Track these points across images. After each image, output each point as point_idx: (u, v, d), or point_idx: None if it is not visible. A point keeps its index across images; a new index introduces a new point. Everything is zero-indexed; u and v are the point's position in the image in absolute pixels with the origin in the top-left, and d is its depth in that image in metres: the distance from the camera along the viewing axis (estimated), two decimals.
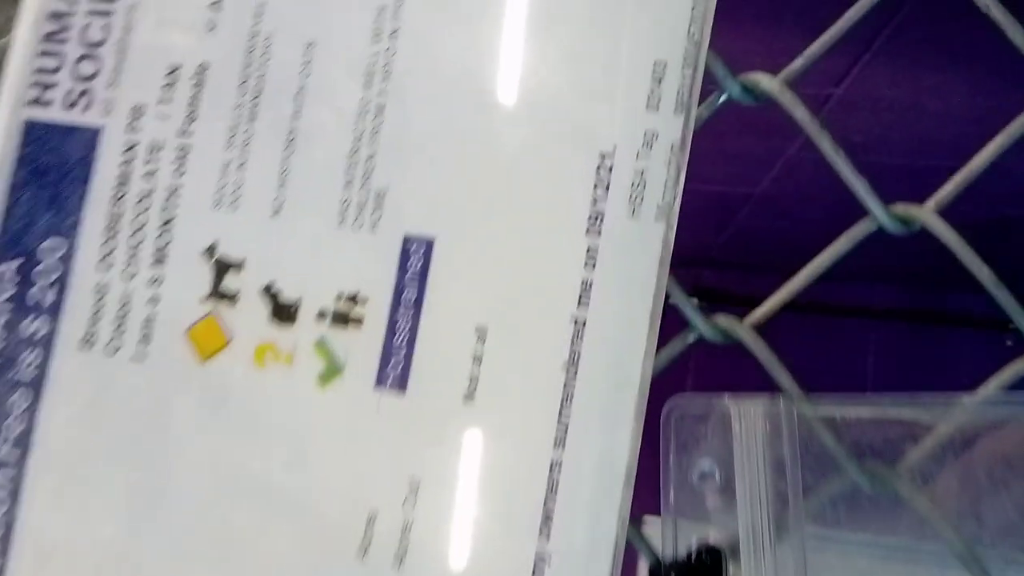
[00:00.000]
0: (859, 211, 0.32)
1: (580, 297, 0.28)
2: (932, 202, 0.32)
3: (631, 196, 0.29)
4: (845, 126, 1.43)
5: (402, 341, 0.29)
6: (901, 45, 1.10)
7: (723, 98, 0.33)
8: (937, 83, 1.29)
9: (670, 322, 0.32)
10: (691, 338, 0.32)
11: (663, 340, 0.31)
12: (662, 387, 0.33)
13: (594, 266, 0.28)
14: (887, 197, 0.31)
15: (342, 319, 0.30)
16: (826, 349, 2.24)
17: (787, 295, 0.32)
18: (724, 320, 0.31)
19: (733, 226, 2.06)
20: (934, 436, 0.29)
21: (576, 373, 0.28)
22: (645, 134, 0.29)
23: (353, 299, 0.30)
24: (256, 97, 0.31)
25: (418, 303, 0.29)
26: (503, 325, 0.29)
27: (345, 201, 0.30)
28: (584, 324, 0.28)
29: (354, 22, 0.31)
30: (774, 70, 0.33)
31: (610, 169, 0.29)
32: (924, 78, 1.27)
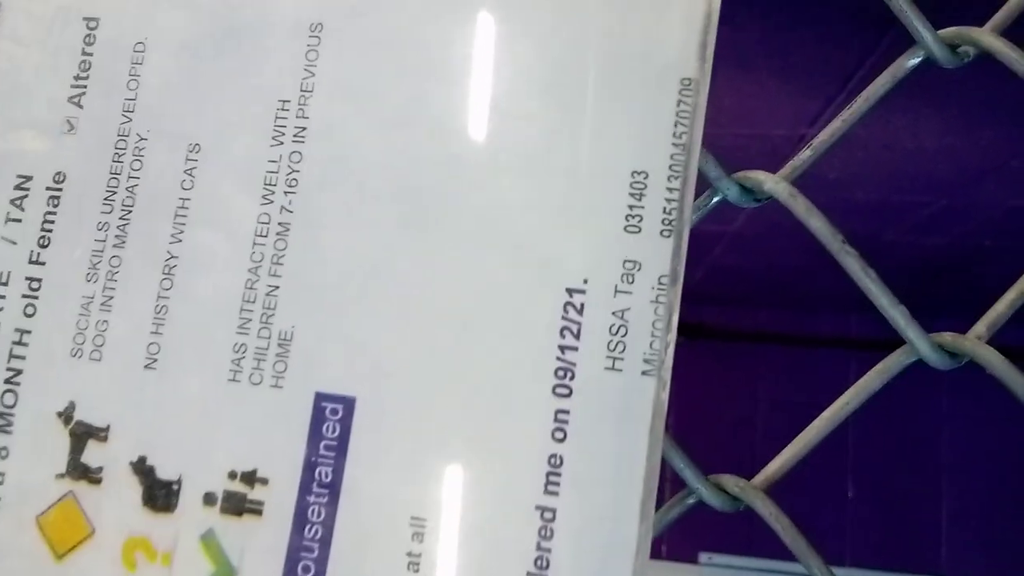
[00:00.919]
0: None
1: (547, 479, 0.22)
2: (983, 327, 0.26)
3: (609, 344, 0.22)
4: (820, 164, 1.39)
5: (314, 537, 0.22)
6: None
7: (716, 200, 0.27)
8: (909, 122, 1.26)
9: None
10: (691, 501, 0.26)
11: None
12: None
13: (564, 437, 0.22)
14: (860, 229, 0.25)
15: (236, 506, 0.23)
16: (805, 379, 2.19)
17: (802, 448, 0.26)
18: (733, 483, 0.25)
19: (709, 262, 2.02)
20: None
21: (545, 570, 0.21)
22: (624, 264, 0.22)
23: (250, 479, 0.23)
24: (126, 215, 0.24)
25: (335, 485, 0.22)
26: (447, 518, 0.22)
27: (240, 349, 0.23)
28: (554, 516, 0.21)
29: (249, 119, 0.24)
30: (746, 118, 0.27)
31: (580, 309, 0.22)
32: (896, 117, 1.24)
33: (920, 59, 0.28)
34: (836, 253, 0.25)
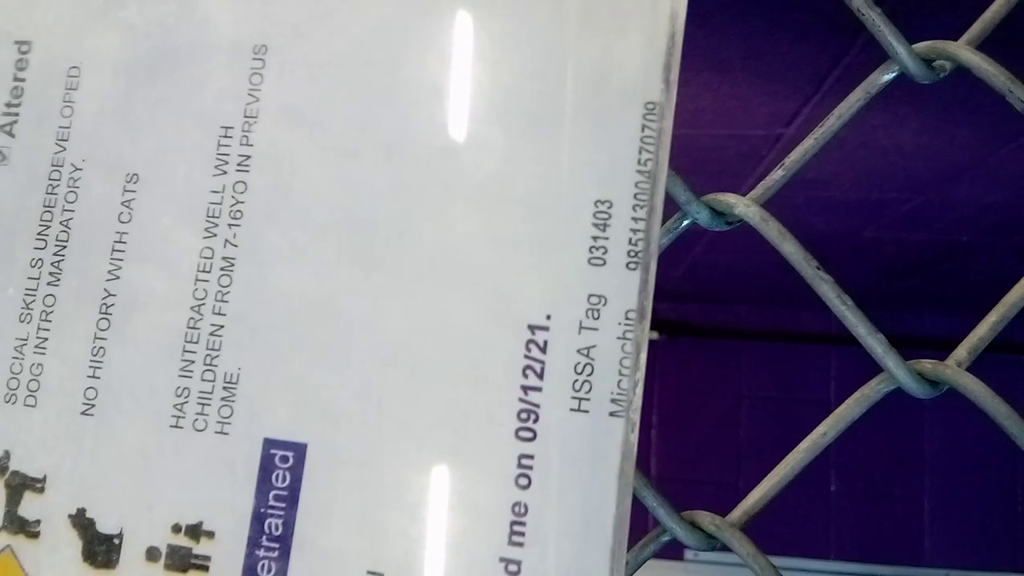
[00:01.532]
0: (814, 247, 0.25)
1: (511, 529, 0.20)
2: (964, 352, 0.25)
3: (575, 384, 0.21)
4: (792, 176, 1.39)
5: None
6: (849, 86, 1.06)
7: (686, 223, 0.25)
8: (885, 121, 1.26)
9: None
10: (665, 539, 0.25)
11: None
12: None
13: (530, 483, 0.21)
14: (839, 227, 0.24)
15: (181, 562, 0.21)
16: (787, 376, 2.20)
17: (780, 481, 0.25)
18: (707, 519, 0.24)
19: (689, 259, 2.02)
20: None
21: None
22: (589, 299, 0.21)
23: (196, 532, 0.21)
24: (60, 251, 0.23)
25: (286, 538, 0.21)
26: (406, 571, 0.21)
27: (182, 392, 0.22)
28: (519, 569, 0.20)
29: (189, 147, 0.22)
30: (725, 121, 0.26)
31: (544, 347, 0.21)
32: (872, 116, 1.24)
33: (894, 74, 0.27)
34: (811, 279, 0.24)
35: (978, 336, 0.25)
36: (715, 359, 2.29)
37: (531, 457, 0.21)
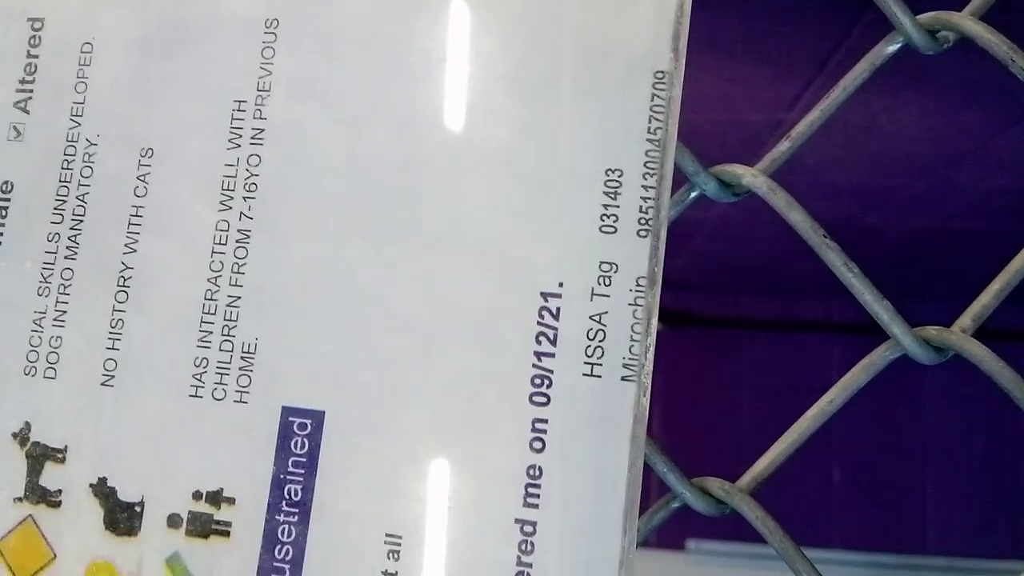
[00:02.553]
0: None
1: (526, 491, 0.21)
2: (968, 319, 0.25)
3: (587, 349, 0.21)
4: (801, 148, 1.39)
5: (285, 558, 0.21)
6: (850, 68, 1.06)
7: (694, 195, 0.26)
8: (888, 104, 1.26)
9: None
10: (675, 505, 0.25)
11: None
12: None
13: (544, 446, 0.21)
14: (842, 213, 0.24)
15: (202, 528, 0.22)
16: (789, 365, 2.20)
17: (789, 446, 0.25)
18: (718, 486, 0.24)
19: (690, 248, 2.02)
20: None
21: None
22: (600, 266, 0.21)
23: (216, 499, 0.22)
24: (77, 225, 0.23)
25: (305, 503, 0.21)
26: (423, 534, 0.21)
27: (201, 363, 0.22)
28: (534, 529, 0.21)
29: (203, 121, 0.23)
30: (726, 105, 0.26)
31: (556, 314, 0.21)
32: (875, 100, 1.24)
33: (899, 45, 0.27)
34: (817, 247, 0.25)
35: (982, 304, 0.26)
36: (717, 348, 2.29)
37: (545, 421, 0.21)
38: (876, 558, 2.03)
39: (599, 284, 0.21)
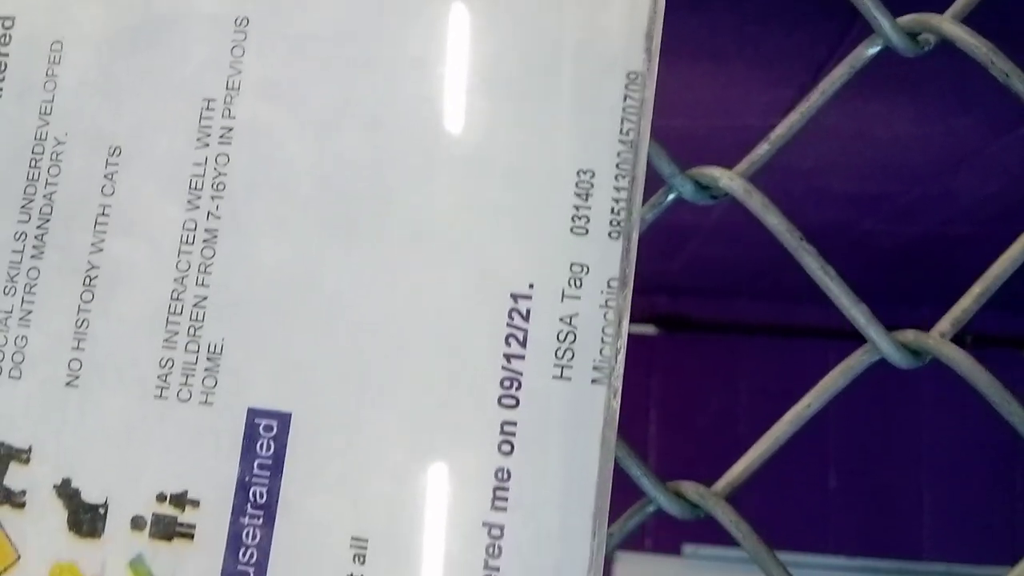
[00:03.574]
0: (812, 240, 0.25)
1: (495, 494, 0.20)
2: (947, 324, 0.25)
3: (557, 351, 0.21)
4: (792, 154, 1.39)
5: (249, 561, 0.21)
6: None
7: (671, 197, 0.26)
8: (881, 110, 1.26)
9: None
10: (650, 509, 0.25)
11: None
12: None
13: (512, 449, 0.21)
14: (837, 218, 0.24)
15: (166, 530, 0.21)
16: (786, 370, 2.20)
17: (764, 452, 0.25)
18: (693, 490, 0.24)
19: (687, 252, 2.02)
20: None
21: None
22: (571, 268, 0.21)
23: (180, 501, 0.22)
24: (43, 224, 0.23)
25: (270, 506, 0.21)
26: (389, 537, 0.21)
27: (166, 363, 0.22)
28: (501, 533, 0.20)
29: (171, 120, 0.22)
30: (717, 109, 0.26)
31: (526, 316, 0.21)
32: (869, 105, 1.24)
33: (879, 48, 0.27)
34: (794, 250, 0.24)
35: (961, 308, 0.25)
36: (713, 354, 2.29)
37: (514, 424, 0.21)
38: (872, 564, 2.03)
39: (570, 286, 0.21)
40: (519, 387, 0.21)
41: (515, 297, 0.21)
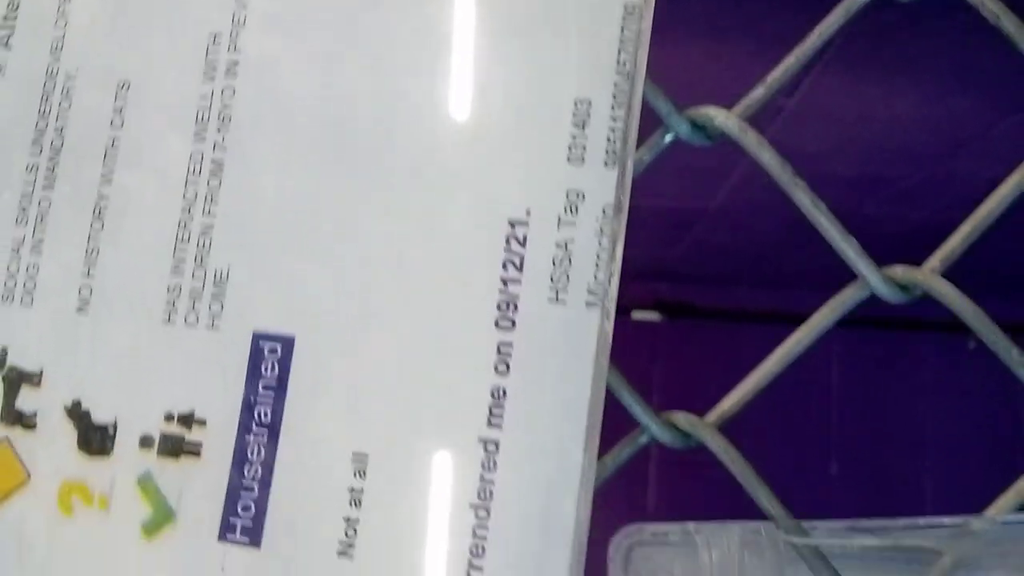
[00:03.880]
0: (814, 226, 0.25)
1: (490, 411, 0.21)
2: (936, 261, 0.25)
3: (552, 276, 0.21)
4: (799, 137, 1.39)
5: (254, 477, 0.22)
6: (852, 55, 1.06)
7: (668, 138, 0.26)
8: (887, 91, 1.26)
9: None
10: (643, 439, 0.25)
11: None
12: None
13: (508, 369, 0.21)
14: (842, 205, 0.25)
15: (173, 448, 0.22)
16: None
17: (755, 385, 0.26)
18: (684, 419, 0.24)
19: (689, 238, 2.02)
20: (940, 567, 0.23)
21: (489, 514, 0.21)
22: (567, 195, 0.22)
23: (187, 421, 0.22)
24: (55, 157, 0.24)
25: (274, 425, 0.22)
26: (389, 452, 0.21)
27: (174, 290, 0.23)
28: (497, 448, 0.21)
29: (178, 55, 0.23)
30: (721, 89, 0.27)
31: (523, 241, 0.22)
32: (876, 87, 1.24)
33: None
34: (786, 186, 0.25)
35: (951, 246, 0.26)
36: (715, 341, 2.29)
37: (510, 345, 0.21)
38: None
39: (566, 212, 0.22)
40: (515, 310, 0.21)
41: (512, 223, 0.22)
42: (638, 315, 2.35)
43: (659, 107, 0.25)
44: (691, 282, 2.30)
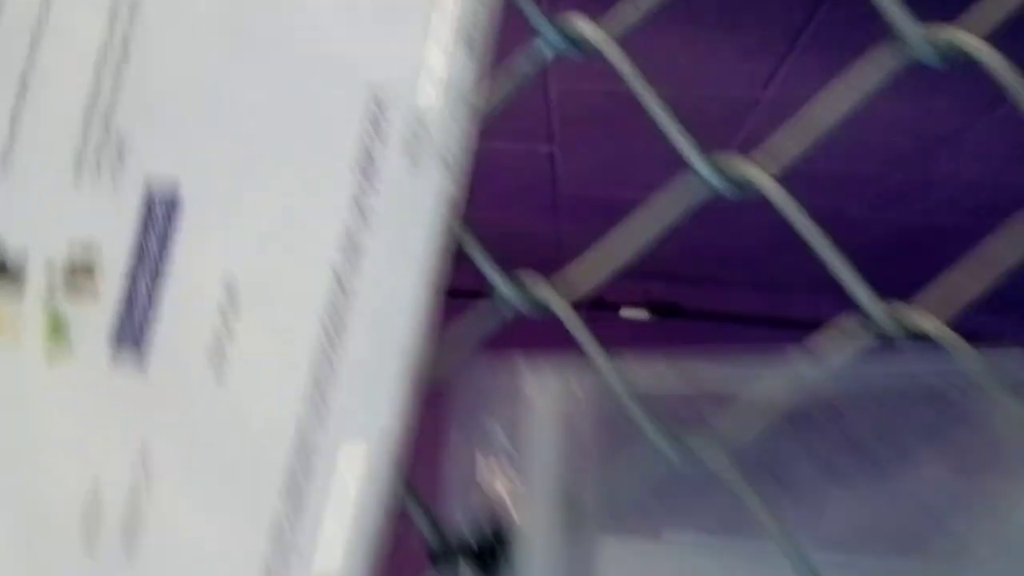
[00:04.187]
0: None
1: (345, 252, 0.25)
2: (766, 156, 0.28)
3: (408, 141, 0.25)
4: (775, 128, 1.42)
5: (142, 305, 0.25)
6: (825, 42, 1.09)
7: (545, 49, 0.29)
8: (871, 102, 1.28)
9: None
10: (499, 305, 0.28)
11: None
12: None
13: (363, 217, 0.25)
14: (822, 200, 0.27)
15: (75, 282, 0.26)
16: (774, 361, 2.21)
17: (615, 264, 0.29)
18: (530, 281, 0.27)
19: (679, 239, 2.04)
20: (754, 405, 0.26)
21: (339, 335, 0.24)
22: (425, 70, 0.25)
23: (88, 259, 0.26)
24: None
25: (161, 261, 0.25)
26: (256, 282, 0.25)
27: (82, 150, 0.26)
28: (349, 283, 0.24)
29: None
30: (698, 72, 0.29)
31: (382, 107, 0.25)
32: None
33: None
34: (639, 91, 0.28)
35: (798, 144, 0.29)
36: (703, 341, 2.31)
37: (365, 197, 0.25)
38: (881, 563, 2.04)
39: (424, 86, 0.25)
40: (373, 168, 0.25)
41: (375, 94, 0.25)
42: (628, 313, 2.38)
43: (529, 13, 0.28)
44: (681, 283, 2.33)
